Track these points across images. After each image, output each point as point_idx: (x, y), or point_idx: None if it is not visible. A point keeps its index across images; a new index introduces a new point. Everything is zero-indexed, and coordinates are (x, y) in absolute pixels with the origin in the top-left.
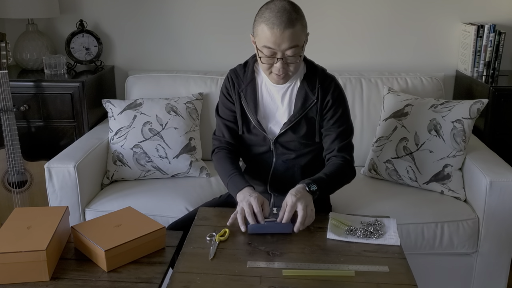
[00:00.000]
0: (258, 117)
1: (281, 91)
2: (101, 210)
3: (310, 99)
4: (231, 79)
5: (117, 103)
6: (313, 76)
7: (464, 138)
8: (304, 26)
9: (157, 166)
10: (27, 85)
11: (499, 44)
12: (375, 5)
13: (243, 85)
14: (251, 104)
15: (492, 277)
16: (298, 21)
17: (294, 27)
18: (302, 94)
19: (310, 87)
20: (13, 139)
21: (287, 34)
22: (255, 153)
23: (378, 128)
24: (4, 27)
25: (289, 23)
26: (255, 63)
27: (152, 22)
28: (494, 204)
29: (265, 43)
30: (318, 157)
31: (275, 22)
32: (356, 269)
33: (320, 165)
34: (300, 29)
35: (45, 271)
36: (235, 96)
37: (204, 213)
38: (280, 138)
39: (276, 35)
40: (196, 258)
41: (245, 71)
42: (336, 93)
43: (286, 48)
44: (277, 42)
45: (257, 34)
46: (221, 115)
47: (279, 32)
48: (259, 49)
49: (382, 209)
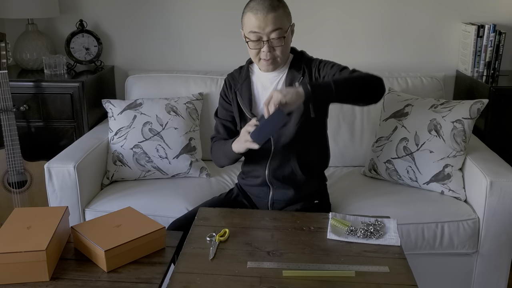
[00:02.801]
0: (252, 110)
1: (274, 82)
2: (101, 210)
3: (296, 77)
4: (228, 81)
5: (117, 103)
6: (298, 61)
7: (464, 138)
8: (287, 14)
9: (157, 166)
10: (27, 85)
11: (499, 44)
12: (375, 5)
13: (238, 84)
14: (246, 99)
15: (492, 277)
16: (280, 7)
17: (276, 11)
18: (289, 76)
19: (296, 69)
20: (13, 139)
21: (270, 17)
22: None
23: (378, 128)
24: (4, 27)
25: (271, 8)
26: (250, 64)
27: (152, 22)
28: (495, 204)
29: (251, 28)
30: (316, 145)
31: (258, 8)
32: (356, 269)
33: (317, 155)
34: (282, 13)
35: (45, 271)
36: (232, 96)
37: (204, 213)
38: None
39: (260, 19)
40: (196, 258)
41: (241, 72)
42: (319, 60)
43: (270, 31)
44: (261, 26)
45: (244, 23)
46: (219, 116)
47: (262, 16)
48: (246, 36)
49: (382, 209)
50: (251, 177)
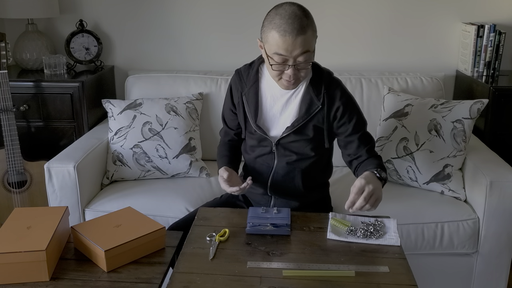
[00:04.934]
0: (258, 121)
1: (286, 95)
2: (101, 210)
3: (315, 104)
4: (235, 81)
5: (117, 103)
6: (319, 80)
7: (464, 138)
8: (314, 31)
9: (157, 166)
10: (27, 85)
11: (499, 44)
12: (375, 5)
13: (246, 88)
14: (252, 108)
15: (492, 277)
16: (309, 27)
17: (305, 33)
18: (307, 99)
19: (315, 92)
20: (13, 139)
21: (299, 41)
22: (257, 154)
23: (378, 128)
24: (4, 27)
25: (301, 30)
26: (260, 65)
27: (152, 22)
28: (494, 204)
29: (276, 50)
30: (320, 162)
31: (287, 29)
32: (356, 269)
33: (323, 169)
34: (311, 34)
35: (45, 271)
36: (238, 99)
37: (204, 213)
38: (282, 140)
39: (288, 43)
40: (196, 258)
41: (249, 73)
42: (344, 98)
43: (298, 55)
44: (289, 49)
45: (267, 41)
46: (226, 120)
47: (291, 39)
48: (269, 56)
49: (382, 209)
50: (252, 187)
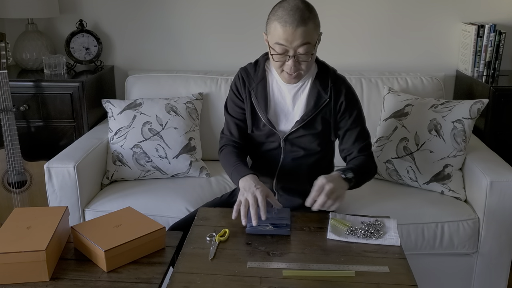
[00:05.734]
0: (268, 115)
1: (292, 90)
2: (100, 210)
3: (323, 97)
4: (242, 77)
5: (117, 103)
6: (324, 76)
7: (464, 138)
8: (317, 25)
9: (157, 166)
10: (27, 85)
11: (499, 44)
12: (375, 5)
13: (254, 83)
14: (262, 102)
15: (493, 277)
16: (310, 20)
17: (306, 25)
18: (314, 93)
19: (322, 86)
20: (12, 139)
21: (299, 31)
22: (263, 150)
23: (378, 128)
24: (4, 27)
25: (301, 21)
26: (266, 62)
27: (152, 22)
28: (495, 204)
29: (277, 40)
30: (326, 158)
31: (288, 20)
32: (356, 269)
33: (327, 166)
34: (312, 27)
35: (44, 271)
36: (245, 94)
37: (204, 213)
38: (291, 136)
39: (288, 33)
40: (196, 258)
41: (256, 70)
42: (349, 95)
43: (298, 46)
44: (289, 39)
45: (269, 32)
46: (230, 112)
47: (291, 29)
48: (271, 47)
49: (382, 209)
50: None
